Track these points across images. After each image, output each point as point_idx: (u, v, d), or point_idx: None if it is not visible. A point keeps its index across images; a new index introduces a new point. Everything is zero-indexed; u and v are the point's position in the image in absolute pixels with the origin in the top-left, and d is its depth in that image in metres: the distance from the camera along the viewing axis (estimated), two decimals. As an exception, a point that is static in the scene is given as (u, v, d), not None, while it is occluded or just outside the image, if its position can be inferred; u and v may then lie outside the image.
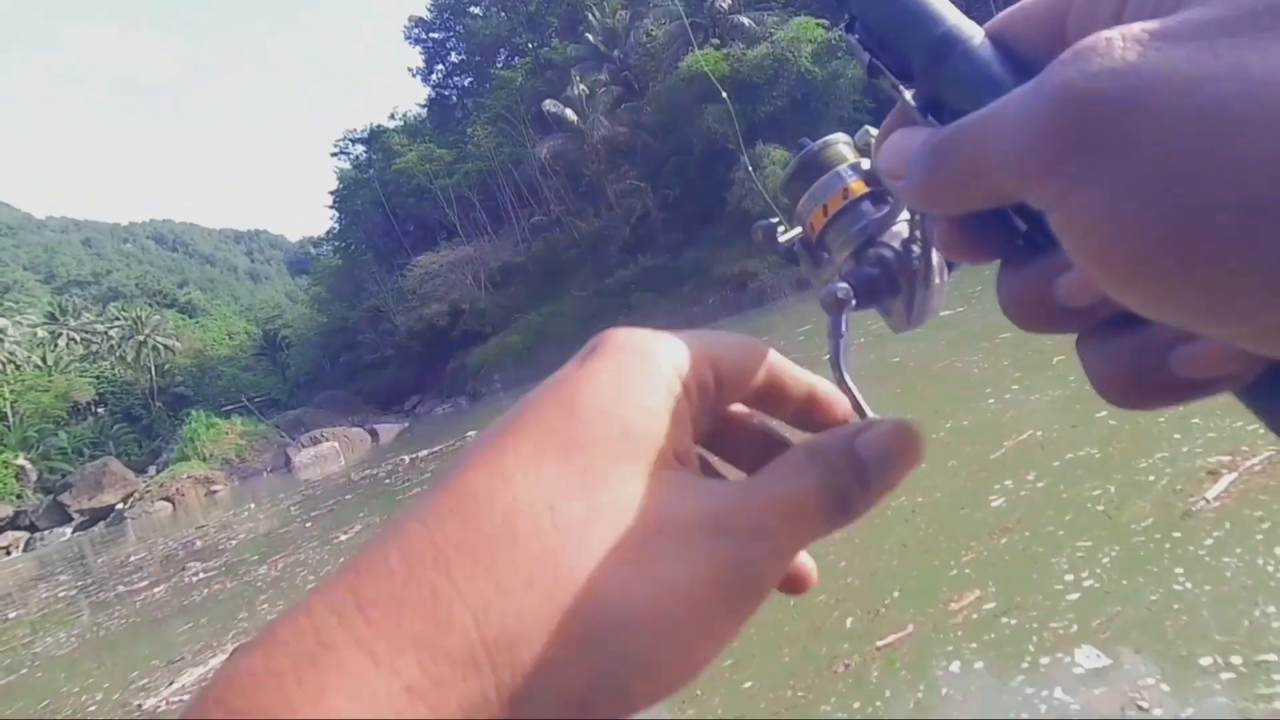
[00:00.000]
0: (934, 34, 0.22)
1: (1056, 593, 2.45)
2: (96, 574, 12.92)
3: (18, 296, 61.86)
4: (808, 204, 0.32)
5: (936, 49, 0.22)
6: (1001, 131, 0.16)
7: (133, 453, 37.22)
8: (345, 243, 49.38)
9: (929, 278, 0.28)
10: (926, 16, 0.23)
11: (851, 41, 0.26)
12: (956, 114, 0.20)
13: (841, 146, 0.32)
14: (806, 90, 25.80)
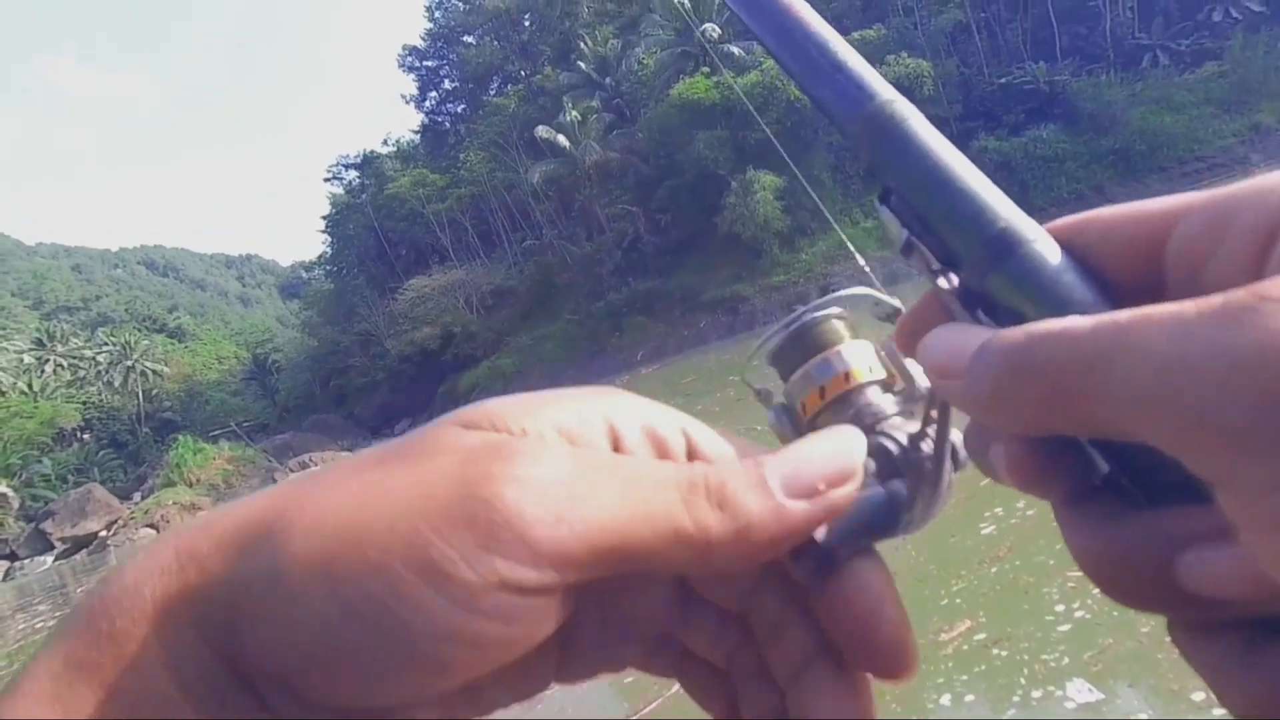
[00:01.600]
0: (992, 228, 0.21)
1: (1048, 624, 2.43)
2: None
3: (4, 322, 61.31)
4: (801, 384, 0.28)
5: (996, 245, 0.21)
6: (1153, 363, 0.14)
7: (118, 479, 36.60)
8: (337, 267, 49.38)
9: (939, 479, 0.24)
10: (984, 208, 0.22)
11: (885, 214, 0.24)
12: (1015, 318, 0.18)
13: (837, 324, 0.29)
14: (796, 119, 26.26)
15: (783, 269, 26.52)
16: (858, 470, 0.22)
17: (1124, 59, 27.22)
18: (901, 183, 0.23)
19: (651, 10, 33.90)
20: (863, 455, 0.23)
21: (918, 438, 0.26)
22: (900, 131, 0.24)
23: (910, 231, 0.23)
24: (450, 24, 48.26)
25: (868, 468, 0.24)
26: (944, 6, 29.90)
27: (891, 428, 0.26)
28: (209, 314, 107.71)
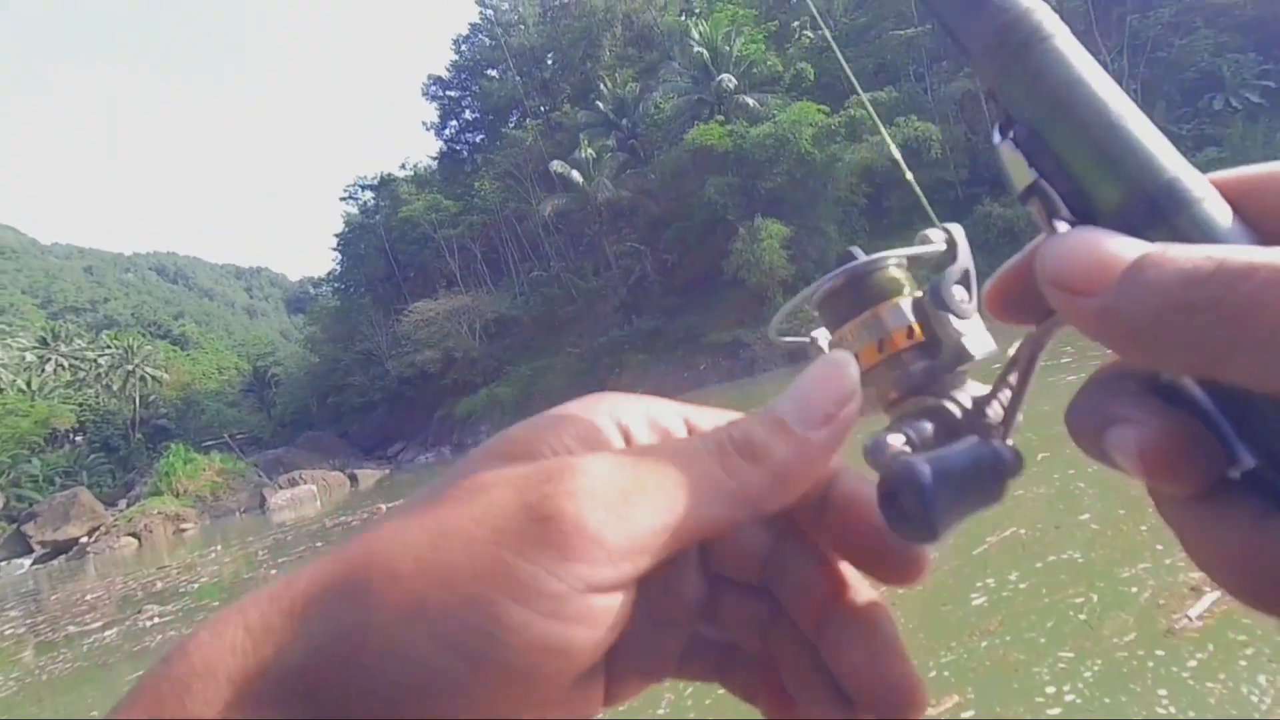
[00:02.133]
0: (1158, 180, 0.17)
1: (1038, 705, 2.38)
2: (49, 611, 12.34)
3: (11, 319, 61.48)
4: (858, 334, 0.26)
5: (1159, 200, 0.17)
6: None
7: (105, 484, 36.18)
8: (345, 284, 49.80)
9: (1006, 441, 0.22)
10: (1147, 154, 0.18)
11: (1006, 151, 0.20)
12: None
13: (896, 271, 0.26)
14: (805, 170, 26.87)
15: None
16: (856, 387, 0.22)
17: (1124, 134, 27.97)
18: (1037, 112, 0.19)
19: (671, 58, 35.05)
20: (856, 373, 0.23)
21: (983, 401, 0.23)
22: (1043, 50, 0.19)
23: (1040, 173, 0.20)
24: (476, 57, 49.81)
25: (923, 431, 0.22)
26: (954, 75, 30.90)
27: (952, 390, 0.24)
28: (214, 323, 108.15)
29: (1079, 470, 4.63)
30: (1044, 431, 5.92)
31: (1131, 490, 3.97)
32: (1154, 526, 3.33)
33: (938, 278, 0.24)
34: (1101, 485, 4.23)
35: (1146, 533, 3.32)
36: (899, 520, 0.20)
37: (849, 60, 34.00)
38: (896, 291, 0.26)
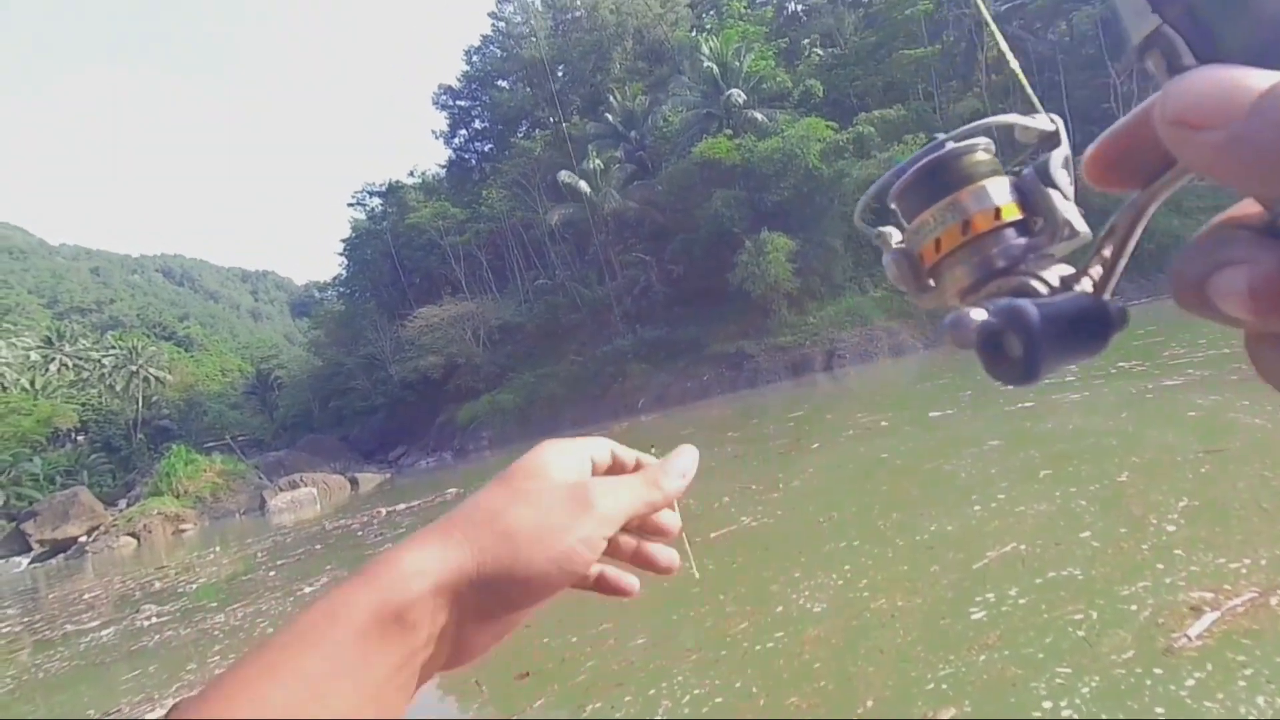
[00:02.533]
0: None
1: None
2: (46, 610, 12.33)
3: (17, 319, 61.79)
4: (941, 217, 0.26)
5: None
6: None
7: (106, 484, 36.21)
8: (350, 289, 50.04)
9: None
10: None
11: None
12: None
13: (985, 155, 0.26)
14: (813, 185, 26.98)
15: (789, 330, 26.73)
16: (691, 470, 0.44)
17: (1135, 160, 28.03)
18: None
19: (681, 72, 35.37)
20: (693, 468, 0.44)
21: (1072, 279, 0.24)
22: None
23: (1163, 17, 0.18)
24: (486, 68, 50.31)
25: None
26: (963, 95, 31.09)
27: (1039, 269, 0.24)
28: (219, 326, 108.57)
29: (1080, 488, 4.63)
30: (1047, 449, 5.92)
31: (1133, 510, 3.97)
32: (1155, 545, 3.33)
33: (1044, 158, 0.24)
34: (1103, 503, 4.23)
35: (1148, 551, 3.32)
36: (998, 363, 0.20)
37: (856, 78, 34.15)
38: (983, 175, 0.26)
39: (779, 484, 7.30)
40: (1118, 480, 4.61)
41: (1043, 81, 30.99)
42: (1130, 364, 9.59)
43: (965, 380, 12.74)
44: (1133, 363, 9.65)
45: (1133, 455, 5.14)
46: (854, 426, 9.97)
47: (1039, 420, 7.22)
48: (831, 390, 18.61)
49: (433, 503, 14.13)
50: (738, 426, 13.86)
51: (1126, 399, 7.27)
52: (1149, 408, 6.67)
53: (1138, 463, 4.93)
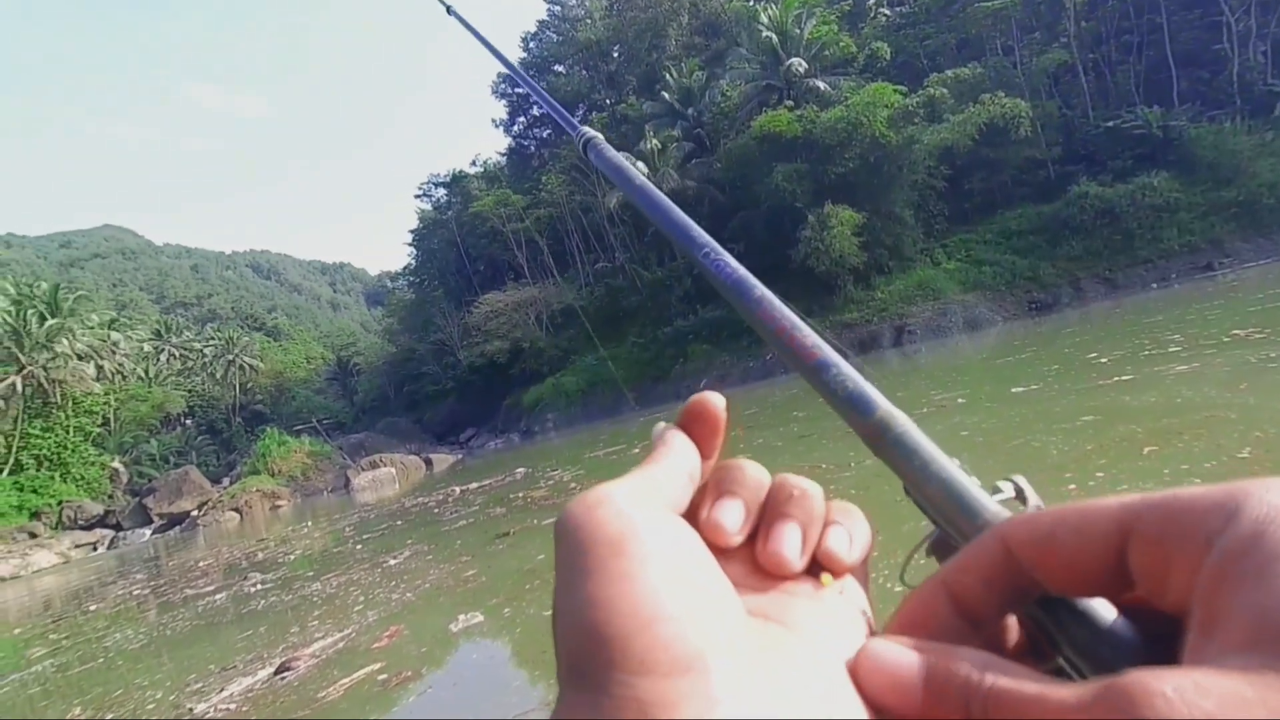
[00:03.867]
0: (977, 521, 0.26)
1: None
2: (167, 575, 13.60)
3: (131, 314, 67.91)
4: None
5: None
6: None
7: (210, 463, 39.50)
8: (419, 278, 52.03)
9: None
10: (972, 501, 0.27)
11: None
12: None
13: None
14: (880, 154, 25.79)
15: (856, 306, 25.86)
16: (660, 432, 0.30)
17: (1253, 106, 25.29)
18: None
19: (739, 45, 34.42)
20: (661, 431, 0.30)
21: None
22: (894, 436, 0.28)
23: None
24: (543, 54, 50.63)
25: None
26: (1048, 47, 28.80)
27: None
28: (302, 316, 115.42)
29: (1194, 465, 4.27)
30: (1151, 424, 5.48)
31: (1257, 485, 3.62)
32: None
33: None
34: (1221, 480, 3.88)
35: None
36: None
37: (927, 37, 32.37)
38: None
39: (850, 463, 7.11)
40: (1238, 456, 4.22)
41: (1141, 25, 28.29)
42: (1247, 331, 8.73)
43: (1050, 354, 11.97)
44: (1249, 330, 8.78)
45: (1255, 430, 4.68)
46: (928, 404, 9.56)
47: (1139, 393, 6.69)
48: (902, 367, 17.91)
49: (503, 482, 14.60)
50: (803, 406, 13.57)
51: (1244, 369, 6.62)
52: (1273, 378, 6.05)
53: (1261, 438, 4.49)
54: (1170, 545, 0.18)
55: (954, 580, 0.24)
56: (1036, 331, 17.64)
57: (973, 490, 0.26)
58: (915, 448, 0.27)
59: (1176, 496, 0.19)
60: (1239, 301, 13.04)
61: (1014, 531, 0.22)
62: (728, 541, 0.26)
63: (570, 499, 0.25)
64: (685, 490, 0.27)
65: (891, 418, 0.28)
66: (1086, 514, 0.20)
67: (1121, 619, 0.21)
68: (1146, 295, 20.11)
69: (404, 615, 5.88)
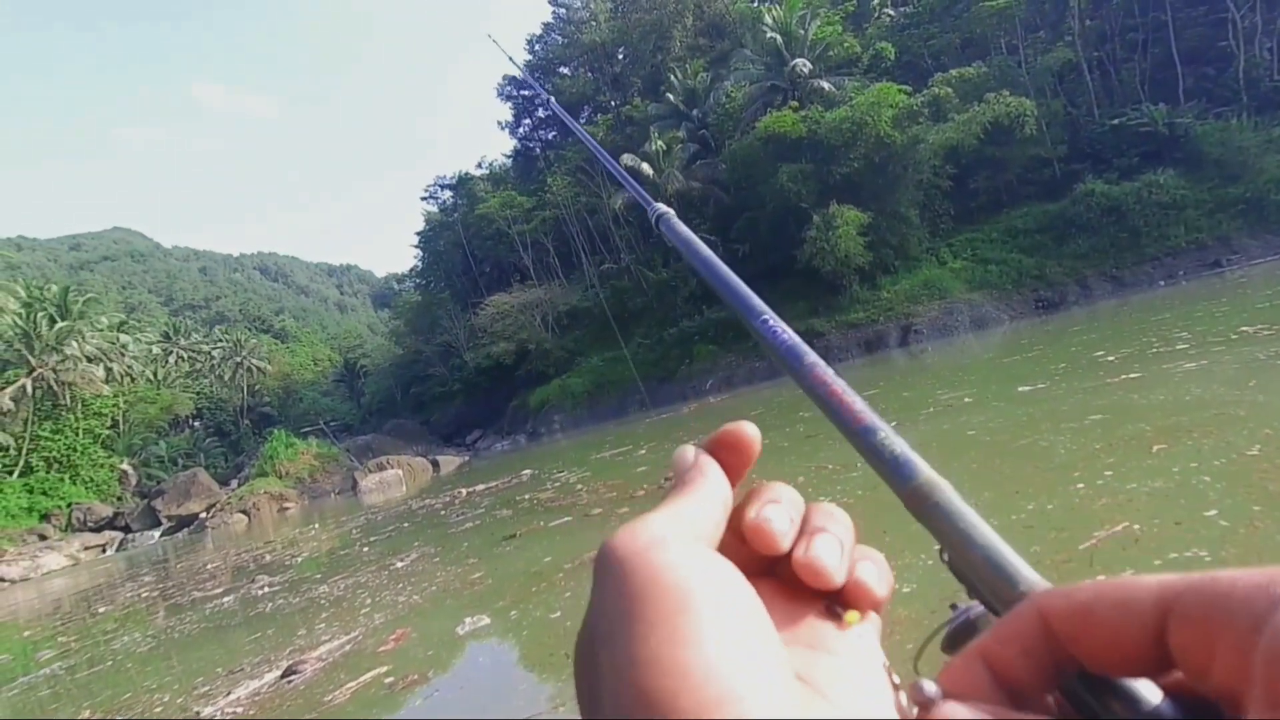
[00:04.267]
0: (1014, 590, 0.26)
1: None
2: (176, 578, 13.69)
3: (140, 316, 68.44)
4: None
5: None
6: None
7: (219, 465, 39.73)
8: (426, 280, 52.21)
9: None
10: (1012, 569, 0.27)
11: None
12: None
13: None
14: (885, 153, 25.72)
15: (862, 306, 25.78)
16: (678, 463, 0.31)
17: (1259, 102, 25.08)
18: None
19: (743, 45, 34.39)
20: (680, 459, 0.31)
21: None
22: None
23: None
24: (548, 56, 50.73)
25: None
26: (1052, 45, 28.66)
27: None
28: (309, 318, 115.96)
29: (1203, 463, 4.23)
30: (1159, 422, 5.45)
31: (1269, 486, 3.60)
32: (1297, 524, 3.00)
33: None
34: (1231, 479, 3.86)
35: (1287, 531, 3.00)
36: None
37: (931, 37, 32.32)
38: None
39: (857, 463, 7.08)
40: (1247, 454, 4.19)
41: (1146, 23, 28.12)
42: (1255, 328, 8.66)
43: (1058, 353, 11.90)
44: (1258, 327, 8.71)
45: (1265, 427, 4.65)
46: (934, 404, 9.52)
47: (1148, 391, 6.64)
48: (908, 367, 17.84)
49: (509, 483, 14.63)
50: (809, 406, 13.47)
51: (1253, 366, 6.57)
52: (1282, 376, 6.00)
53: (1270, 435, 4.45)
54: (1214, 627, 0.18)
55: (992, 651, 0.23)
56: (1043, 330, 17.55)
57: (1013, 558, 0.27)
58: (957, 514, 0.28)
59: (1217, 579, 0.19)
60: (1247, 298, 12.93)
61: (1051, 603, 0.22)
62: (775, 545, 0.26)
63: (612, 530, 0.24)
64: (720, 524, 0.27)
65: (933, 484, 0.29)
66: (1126, 590, 0.20)
67: (1167, 701, 0.21)
68: (1154, 292, 19.97)
69: (411, 618, 5.90)
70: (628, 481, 10.18)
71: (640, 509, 3.49)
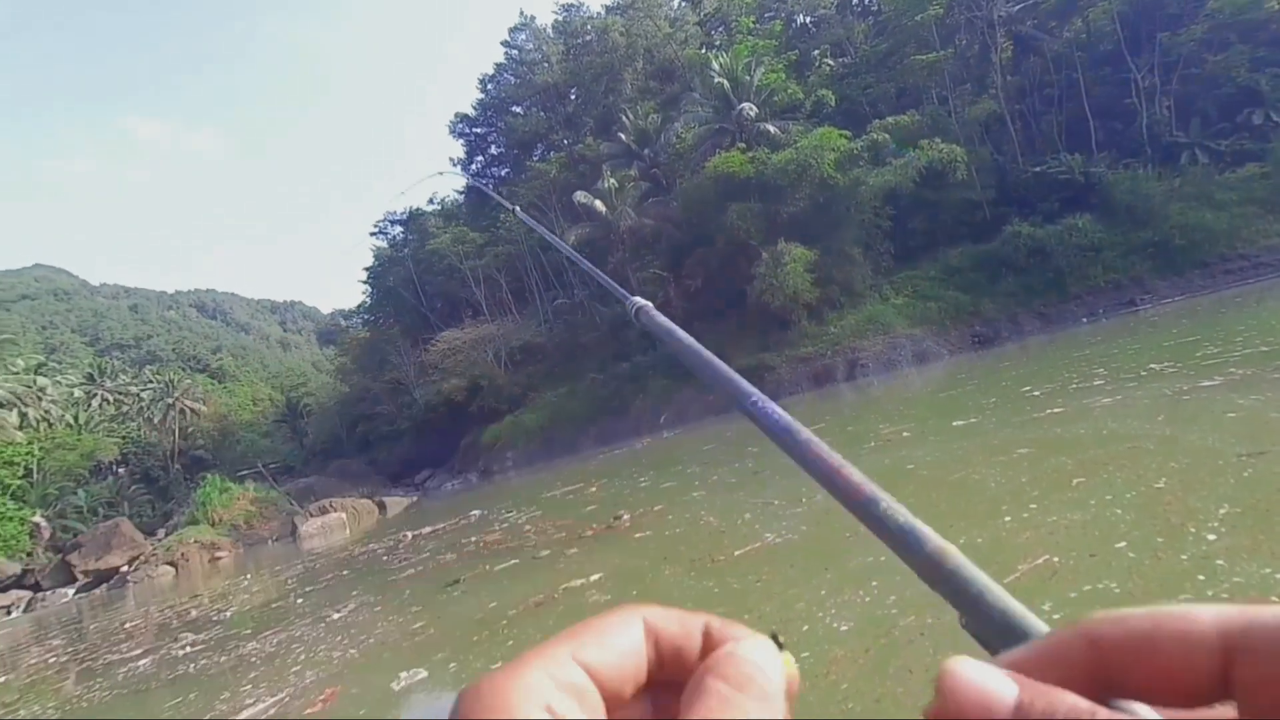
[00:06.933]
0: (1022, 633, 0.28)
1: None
2: (90, 640, 12.62)
3: (62, 357, 64.35)
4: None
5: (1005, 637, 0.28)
6: None
7: (145, 514, 37.16)
8: (374, 316, 51.07)
9: None
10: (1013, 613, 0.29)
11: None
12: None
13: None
14: (829, 194, 26.90)
15: (810, 340, 26.51)
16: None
17: (1161, 155, 27.45)
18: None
19: (692, 89, 35.70)
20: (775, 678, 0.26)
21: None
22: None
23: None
24: (501, 95, 51.40)
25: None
26: (978, 97, 30.81)
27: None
28: (250, 356, 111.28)
29: (1116, 496, 4.48)
30: (1079, 455, 5.75)
31: (1171, 519, 3.83)
32: (1194, 556, 3.21)
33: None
34: (1140, 511, 4.09)
35: (1187, 562, 3.19)
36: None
37: (869, 86, 34.27)
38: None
39: (802, 499, 7.20)
40: (1155, 487, 4.46)
41: (1060, 80, 30.58)
42: (1163, 365, 9.30)
43: (990, 387, 12.48)
44: (1165, 364, 9.36)
45: (1170, 460, 4.97)
46: (875, 438, 9.81)
47: (1070, 425, 7.02)
48: (854, 400, 18.36)
49: (457, 525, 14.21)
50: (758, 440, 13.67)
51: (1162, 401, 7.05)
52: (1186, 410, 6.45)
53: (1175, 468, 4.76)
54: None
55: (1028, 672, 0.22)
56: (979, 364, 18.39)
57: (1031, 620, 0.27)
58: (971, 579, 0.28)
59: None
60: (1157, 336, 13.91)
61: (1105, 630, 0.21)
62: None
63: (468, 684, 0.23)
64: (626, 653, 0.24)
65: (944, 552, 0.29)
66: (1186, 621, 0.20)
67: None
68: (1077, 329, 21.26)
69: (345, 674, 5.60)
70: (577, 521, 10.03)
71: (589, 548, 3.48)
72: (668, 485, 11.04)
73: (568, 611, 5.50)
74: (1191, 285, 22.95)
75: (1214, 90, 27.42)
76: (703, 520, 7.57)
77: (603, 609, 0.24)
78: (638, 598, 5.25)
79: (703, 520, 7.57)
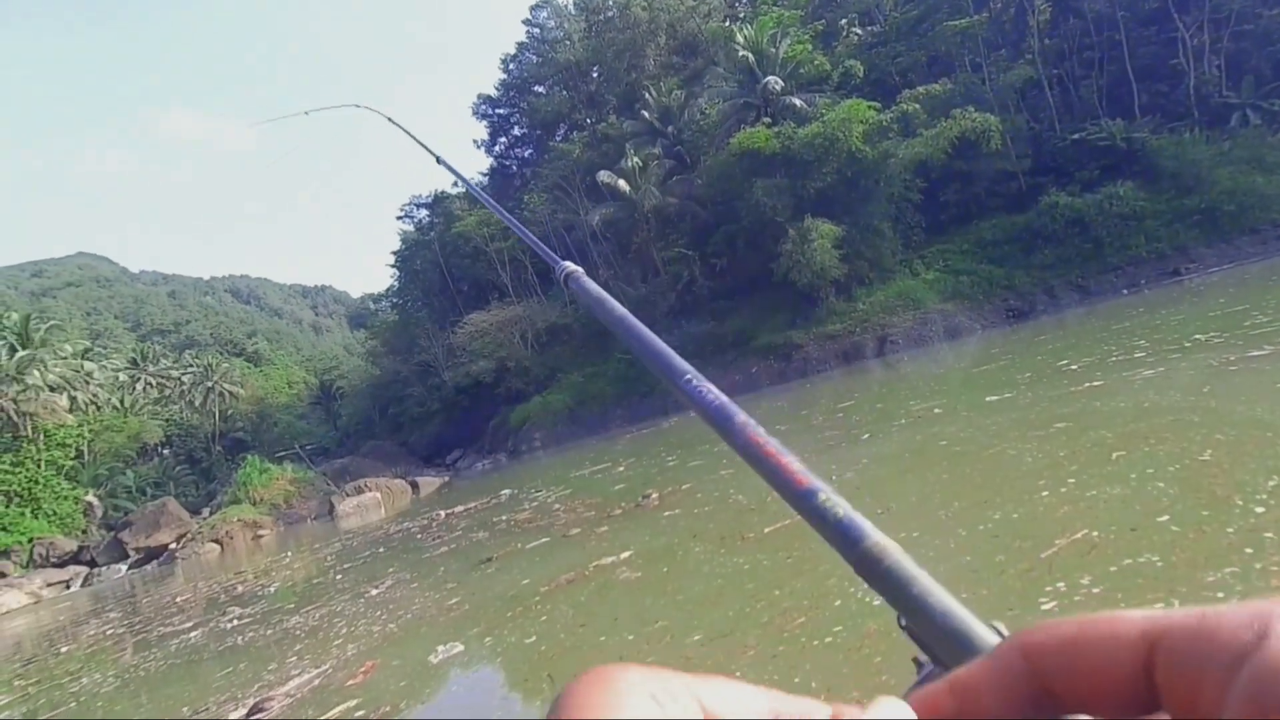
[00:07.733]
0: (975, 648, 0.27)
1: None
2: (143, 613, 13.25)
3: (106, 343, 66.73)
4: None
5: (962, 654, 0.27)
6: None
7: (190, 494, 38.65)
8: (402, 300, 51.75)
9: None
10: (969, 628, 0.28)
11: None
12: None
13: None
14: (857, 168, 26.25)
15: (838, 318, 26.13)
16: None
17: (1209, 117, 26.12)
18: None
19: (716, 64, 34.97)
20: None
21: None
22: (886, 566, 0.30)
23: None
24: (523, 75, 51.07)
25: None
26: (1014, 63, 29.61)
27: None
28: (284, 340, 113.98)
29: (1158, 469, 4.36)
30: (1119, 429, 5.60)
31: (1217, 491, 3.72)
32: (1241, 529, 3.11)
33: None
34: (1184, 484, 3.98)
35: (1234, 535, 3.10)
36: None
37: (898, 55, 33.25)
38: None
39: (832, 476, 7.16)
40: (1200, 459, 4.33)
41: (1101, 42, 29.21)
42: (1209, 335, 8.96)
43: (1025, 362, 12.17)
44: (1211, 334, 9.01)
45: (1216, 433, 4.81)
46: (906, 415, 9.67)
47: (1110, 399, 6.82)
48: (884, 377, 18.10)
49: (488, 504, 14.48)
50: (786, 419, 13.65)
51: (1207, 372, 6.80)
52: (1233, 381, 6.22)
53: (1222, 440, 4.60)
54: (1201, 664, 0.18)
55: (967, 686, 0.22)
56: (1013, 339, 17.94)
57: (970, 620, 0.27)
58: (910, 578, 0.27)
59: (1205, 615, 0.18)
60: (1202, 306, 13.38)
61: (1034, 639, 0.21)
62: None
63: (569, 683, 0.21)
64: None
65: (883, 548, 0.28)
66: (1112, 625, 0.20)
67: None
68: (1118, 300, 20.56)
69: (384, 648, 5.79)
70: (606, 500, 10.14)
71: (618, 527, 3.52)
72: (695, 464, 11.08)
73: (599, 588, 5.59)
74: (1240, 253, 21.95)
75: (1268, 47, 25.94)
76: (731, 498, 7.58)
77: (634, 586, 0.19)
78: (668, 575, 5.30)
79: (731, 498, 7.58)
